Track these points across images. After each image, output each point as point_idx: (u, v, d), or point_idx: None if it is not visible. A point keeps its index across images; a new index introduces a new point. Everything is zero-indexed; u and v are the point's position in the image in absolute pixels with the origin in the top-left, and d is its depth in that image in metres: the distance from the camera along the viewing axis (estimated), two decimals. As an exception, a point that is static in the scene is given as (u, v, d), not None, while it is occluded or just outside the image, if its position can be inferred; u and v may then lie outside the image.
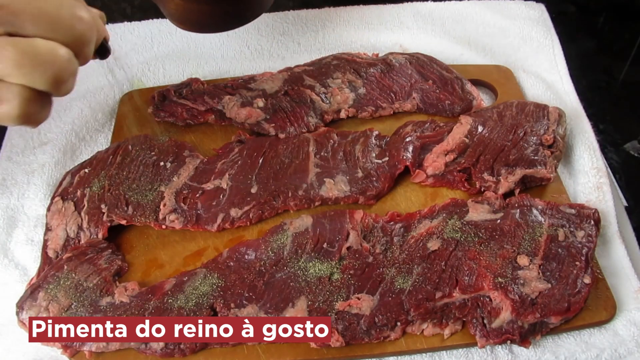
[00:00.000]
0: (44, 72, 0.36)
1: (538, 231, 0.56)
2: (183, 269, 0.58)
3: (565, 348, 0.53)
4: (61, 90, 0.39)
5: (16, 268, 0.60)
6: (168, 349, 0.51)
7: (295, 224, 0.58)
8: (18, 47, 0.35)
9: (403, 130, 0.68)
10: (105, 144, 0.71)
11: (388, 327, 0.52)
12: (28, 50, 0.36)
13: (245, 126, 0.70)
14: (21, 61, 0.36)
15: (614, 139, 1.19)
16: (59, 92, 0.39)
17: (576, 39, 1.35)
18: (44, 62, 0.36)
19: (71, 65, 0.39)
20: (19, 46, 0.36)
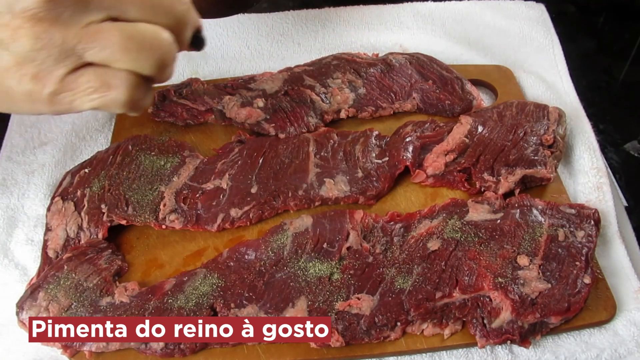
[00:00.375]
0: (149, 56, 0.36)
1: (538, 231, 0.56)
2: (183, 269, 0.58)
3: (565, 348, 0.53)
4: (164, 76, 0.38)
5: (16, 268, 0.60)
6: (168, 349, 0.51)
7: (295, 224, 0.58)
8: (124, 32, 0.35)
9: (403, 130, 0.68)
10: (105, 144, 0.71)
11: (388, 327, 0.52)
12: (134, 35, 0.35)
13: (245, 126, 0.70)
14: (128, 46, 0.35)
15: (614, 139, 1.19)
16: (162, 77, 0.38)
17: (576, 39, 1.35)
18: (149, 47, 0.36)
19: (174, 49, 0.38)
20: (125, 31, 0.35)
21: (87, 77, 0.36)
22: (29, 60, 0.34)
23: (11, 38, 0.34)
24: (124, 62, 0.36)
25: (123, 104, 0.37)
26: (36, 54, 0.34)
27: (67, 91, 0.36)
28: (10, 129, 0.72)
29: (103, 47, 0.35)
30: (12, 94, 0.36)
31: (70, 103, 0.37)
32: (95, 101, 0.36)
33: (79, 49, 0.35)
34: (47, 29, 0.34)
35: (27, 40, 0.34)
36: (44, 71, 0.35)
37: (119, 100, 0.37)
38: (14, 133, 0.72)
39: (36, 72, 0.35)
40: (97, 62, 0.36)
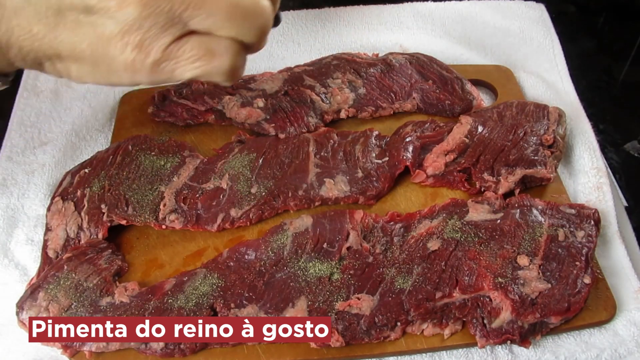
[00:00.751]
0: (252, 24, 0.36)
1: (538, 231, 0.56)
2: (183, 269, 0.58)
3: (565, 348, 0.53)
4: (261, 44, 0.38)
5: (16, 268, 0.60)
6: (168, 349, 0.51)
7: (295, 224, 0.58)
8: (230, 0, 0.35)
9: (403, 130, 0.68)
10: (105, 144, 0.71)
11: (388, 327, 0.52)
12: (239, 2, 0.35)
13: (245, 126, 0.70)
14: (233, 14, 0.35)
15: (614, 139, 1.19)
16: (259, 45, 0.38)
17: (576, 39, 1.35)
18: (253, 14, 0.36)
19: (272, 18, 0.38)
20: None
21: (191, 45, 0.35)
22: (135, 29, 0.34)
23: (118, 6, 0.33)
24: (228, 30, 0.36)
25: (225, 72, 0.37)
26: (142, 22, 0.34)
27: (170, 60, 0.35)
28: (10, 129, 0.72)
29: (209, 14, 0.35)
30: (113, 63, 0.36)
31: (172, 72, 0.36)
32: (198, 69, 0.36)
33: (185, 17, 0.34)
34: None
35: (134, 8, 0.33)
36: (148, 40, 0.34)
37: (222, 68, 0.37)
38: (14, 133, 0.72)
39: (140, 40, 0.34)
40: (201, 30, 0.35)
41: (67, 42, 0.34)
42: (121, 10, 0.33)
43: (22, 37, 0.34)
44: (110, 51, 0.35)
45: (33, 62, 0.36)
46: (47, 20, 0.34)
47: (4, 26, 0.34)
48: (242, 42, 0.37)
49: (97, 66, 0.36)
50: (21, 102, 0.75)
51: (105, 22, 0.34)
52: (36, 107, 0.74)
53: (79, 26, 0.34)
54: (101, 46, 0.35)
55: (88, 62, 0.36)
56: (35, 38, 0.34)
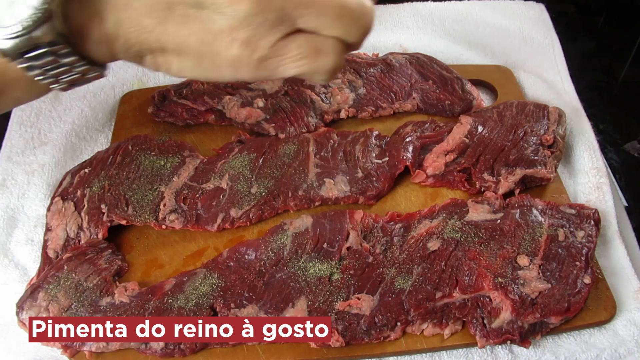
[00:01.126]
0: (358, 25, 0.36)
1: (538, 231, 0.56)
2: (183, 269, 0.58)
3: (565, 348, 0.53)
4: (361, 44, 0.38)
5: (16, 268, 0.60)
6: (168, 349, 0.51)
7: (295, 224, 0.58)
8: (339, 0, 0.35)
9: (403, 130, 0.68)
10: (105, 144, 0.71)
11: (388, 327, 0.52)
12: (346, 3, 0.35)
13: (245, 126, 0.70)
14: (342, 14, 0.35)
15: (614, 139, 1.19)
16: (360, 45, 0.38)
17: (576, 39, 1.35)
18: (359, 15, 0.36)
19: (374, 19, 0.38)
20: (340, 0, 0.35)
21: (298, 43, 0.35)
22: (244, 25, 0.34)
23: (230, 2, 0.33)
24: (334, 30, 0.36)
25: (328, 70, 0.37)
26: (253, 19, 0.34)
27: (276, 57, 0.36)
28: (10, 129, 0.72)
29: (318, 13, 0.35)
30: (218, 59, 0.36)
31: (275, 69, 0.36)
32: (302, 67, 0.36)
33: (294, 15, 0.34)
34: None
35: (246, 5, 0.33)
36: (256, 36, 0.34)
37: (327, 66, 0.37)
38: (13, 133, 0.72)
39: (249, 37, 0.34)
40: (307, 29, 0.35)
41: (174, 36, 0.35)
42: (233, 6, 0.33)
43: (130, 30, 0.34)
44: (216, 46, 0.35)
45: (135, 54, 0.36)
46: (156, 14, 0.34)
47: (114, 18, 0.34)
48: (345, 42, 0.37)
49: (200, 61, 0.36)
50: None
51: (215, 18, 0.34)
52: (36, 107, 0.74)
53: (187, 21, 0.34)
54: (208, 41, 0.35)
55: (192, 56, 0.36)
56: (143, 31, 0.34)
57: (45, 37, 0.32)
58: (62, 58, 0.34)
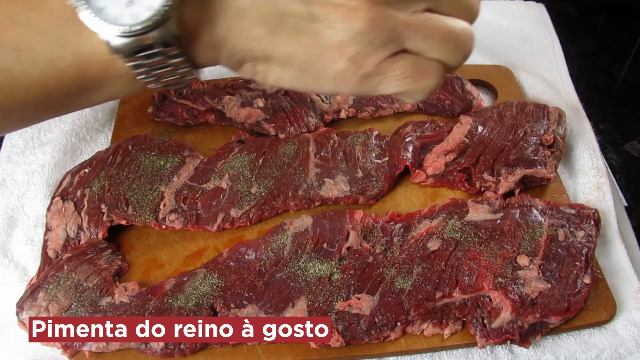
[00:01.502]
0: (460, 50, 0.37)
1: (538, 231, 0.56)
2: (183, 269, 0.58)
3: (565, 348, 0.53)
4: (458, 67, 0.39)
5: (16, 268, 0.60)
6: (168, 349, 0.51)
7: (295, 224, 0.58)
8: (446, 25, 0.36)
9: (403, 130, 0.68)
10: (105, 144, 0.71)
11: (388, 327, 0.52)
12: (452, 29, 0.36)
13: (245, 126, 0.70)
14: (447, 39, 0.36)
15: (614, 139, 1.19)
16: (457, 68, 0.39)
17: (576, 39, 1.35)
18: (463, 41, 0.37)
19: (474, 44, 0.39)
20: (447, 25, 0.36)
21: (404, 62, 0.36)
22: (355, 42, 0.34)
23: (344, 18, 0.34)
24: (438, 53, 0.36)
25: (429, 91, 0.38)
26: (364, 36, 0.34)
27: (380, 74, 0.36)
28: (10, 129, 0.72)
29: (426, 36, 0.35)
30: (323, 71, 0.36)
31: (377, 85, 0.37)
32: (404, 86, 0.37)
33: (404, 36, 0.35)
34: (382, 13, 0.34)
35: (361, 21, 0.34)
36: (364, 53, 0.35)
37: (428, 87, 0.38)
38: (13, 133, 0.72)
39: (357, 53, 0.35)
40: (413, 49, 0.36)
41: (282, 46, 0.35)
42: (346, 22, 0.34)
43: (240, 37, 0.35)
44: (323, 59, 0.35)
45: (236, 61, 0.37)
46: (268, 24, 0.34)
47: (226, 24, 0.35)
48: (446, 65, 0.38)
49: (303, 72, 0.36)
50: (21, 102, 0.75)
51: (326, 32, 0.34)
52: (36, 107, 0.74)
53: (298, 32, 0.35)
54: (315, 54, 0.35)
55: (296, 67, 0.36)
56: (252, 39, 0.35)
57: (160, 38, 0.33)
58: (169, 59, 0.35)
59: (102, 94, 0.38)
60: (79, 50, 0.34)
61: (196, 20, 0.34)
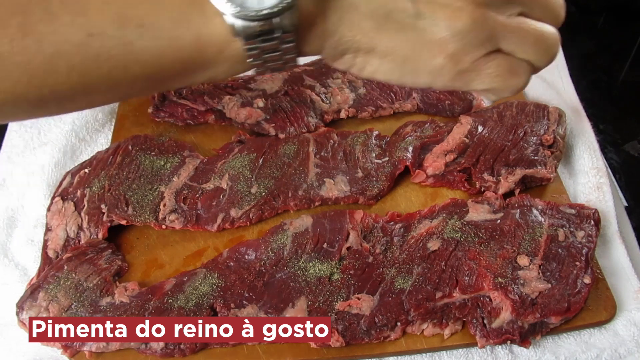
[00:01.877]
0: (549, 54, 0.40)
1: (538, 231, 0.56)
2: (183, 269, 0.58)
3: (565, 348, 0.53)
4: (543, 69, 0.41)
5: (16, 268, 0.60)
6: (168, 349, 0.51)
7: (295, 224, 0.58)
8: (538, 30, 0.38)
9: (403, 130, 0.68)
10: (105, 144, 0.71)
11: (388, 327, 0.52)
12: (544, 34, 0.39)
13: (245, 126, 0.70)
14: (539, 41, 0.38)
15: (614, 139, 1.19)
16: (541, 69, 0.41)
17: (576, 39, 1.35)
18: (552, 45, 0.39)
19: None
20: (539, 29, 0.38)
21: (498, 62, 0.38)
22: (456, 39, 0.36)
23: (448, 17, 0.36)
24: (529, 54, 0.39)
25: (518, 89, 0.41)
26: (465, 34, 0.36)
27: (474, 71, 0.38)
28: (10, 129, 0.72)
29: (520, 38, 0.38)
30: (421, 65, 0.38)
31: (469, 82, 0.39)
32: (495, 83, 0.39)
33: (500, 36, 0.37)
34: (484, 14, 0.36)
35: (464, 21, 0.36)
36: (463, 51, 0.37)
37: (517, 86, 0.40)
38: (13, 133, 0.72)
39: (456, 50, 0.37)
40: (506, 50, 0.38)
41: (386, 39, 0.37)
42: (450, 20, 0.36)
43: (348, 28, 0.37)
44: (423, 54, 0.38)
45: (340, 51, 0.39)
46: (376, 18, 0.37)
47: (337, 16, 0.37)
48: (534, 66, 0.40)
49: (402, 65, 0.39)
50: (21, 102, 0.75)
51: (430, 28, 0.37)
52: (36, 107, 0.74)
53: (403, 28, 0.37)
54: (417, 48, 0.37)
55: (396, 60, 0.38)
56: (359, 32, 0.37)
57: (282, 25, 0.35)
58: (283, 44, 0.37)
59: (207, 74, 0.39)
60: (200, 30, 0.36)
61: (312, 10, 0.36)
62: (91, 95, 0.38)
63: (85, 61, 0.35)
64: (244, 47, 0.36)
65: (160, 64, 0.36)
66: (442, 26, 0.36)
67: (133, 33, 0.35)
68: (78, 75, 0.35)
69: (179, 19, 0.35)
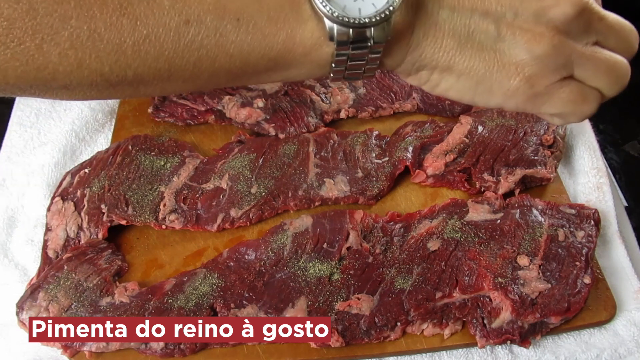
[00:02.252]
0: (618, 83, 0.40)
1: (538, 231, 0.56)
2: (183, 269, 0.58)
3: (565, 348, 0.53)
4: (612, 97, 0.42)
5: (16, 268, 0.60)
6: (168, 349, 0.51)
7: (295, 224, 0.58)
8: (611, 60, 0.39)
9: (403, 130, 0.68)
10: (105, 144, 0.71)
11: (388, 327, 0.52)
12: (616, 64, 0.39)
13: (245, 126, 0.70)
14: (611, 71, 0.39)
15: (614, 139, 1.19)
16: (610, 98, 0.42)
17: (576, 39, 1.34)
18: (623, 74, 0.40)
19: None
20: (613, 59, 0.39)
21: (571, 88, 0.39)
22: (534, 64, 0.37)
23: (529, 40, 0.37)
24: (600, 83, 0.39)
25: (586, 116, 0.41)
26: (543, 59, 0.37)
27: (546, 95, 0.39)
28: (10, 129, 0.72)
29: (593, 67, 0.39)
30: (496, 86, 0.39)
31: (541, 105, 0.40)
32: (566, 108, 0.40)
33: (576, 63, 0.38)
34: (563, 42, 0.37)
35: (544, 46, 0.37)
36: (540, 75, 0.38)
37: (586, 112, 0.41)
38: (13, 133, 0.72)
39: (533, 73, 0.37)
40: (579, 77, 0.39)
41: (465, 58, 0.38)
42: (530, 44, 0.37)
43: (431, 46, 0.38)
44: (499, 76, 0.38)
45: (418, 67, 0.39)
46: (458, 37, 0.37)
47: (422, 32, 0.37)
48: (603, 94, 0.41)
49: (478, 85, 0.39)
50: (20, 102, 0.75)
51: (509, 51, 0.37)
52: (35, 108, 0.74)
53: (483, 48, 0.38)
54: (494, 70, 0.38)
55: (472, 80, 0.39)
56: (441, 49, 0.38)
57: (376, 35, 0.36)
58: (370, 55, 0.37)
59: (287, 74, 0.39)
60: (293, 30, 0.36)
61: (403, 24, 0.37)
62: (170, 82, 0.37)
63: (175, 48, 0.34)
64: (336, 52, 0.36)
65: (248, 59, 0.36)
66: (522, 49, 0.37)
67: (228, 25, 0.35)
68: (165, 61, 0.35)
69: (276, 17, 0.35)
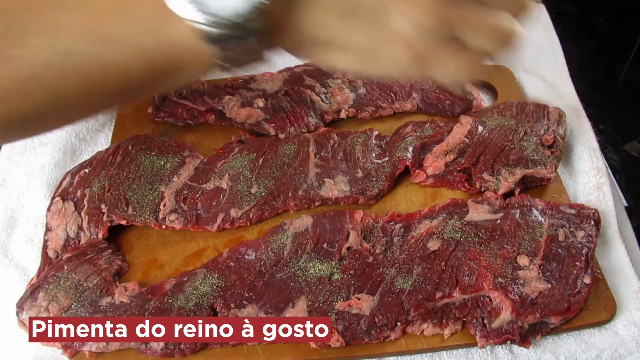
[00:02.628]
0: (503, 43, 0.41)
1: (538, 231, 0.56)
2: (183, 269, 0.58)
3: (565, 348, 0.53)
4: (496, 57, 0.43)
5: (16, 268, 0.60)
6: (168, 349, 0.51)
7: (295, 224, 0.58)
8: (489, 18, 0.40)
9: (403, 130, 0.68)
10: (105, 144, 0.71)
11: (388, 327, 0.52)
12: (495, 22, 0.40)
13: (245, 126, 0.70)
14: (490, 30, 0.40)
15: (614, 139, 1.19)
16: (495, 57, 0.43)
17: (576, 39, 1.35)
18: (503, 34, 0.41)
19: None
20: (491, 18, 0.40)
21: (454, 51, 0.40)
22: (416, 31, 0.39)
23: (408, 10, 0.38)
24: (481, 42, 0.41)
25: (472, 74, 0.43)
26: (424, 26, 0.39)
27: (432, 60, 0.40)
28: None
29: (473, 27, 0.40)
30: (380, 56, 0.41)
31: (428, 69, 0.41)
32: (452, 69, 0.41)
33: (456, 27, 0.39)
34: (441, 7, 0.38)
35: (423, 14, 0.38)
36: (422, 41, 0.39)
37: (472, 72, 0.42)
38: (13, 133, 0.72)
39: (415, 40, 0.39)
40: (462, 39, 0.40)
41: (354, 35, 0.40)
42: (410, 13, 0.38)
43: (317, 26, 0.40)
44: (384, 47, 0.40)
45: (308, 46, 0.41)
46: (343, 15, 0.39)
47: (305, 14, 0.39)
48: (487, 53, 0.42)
49: (363, 57, 0.41)
50: (21, 102, 0.75)
51: (390, 22, 0.39)
52: (36, 107, 0.74)
53: (369, 24, 0.39)
54: (382, 42, 0.40)
55: (357, 53, 0.41)
56: (327, 28, 0.40)
57: (251, 29, 0.37)
58: (252, 45, 0.39)
59: (181, 78, 0.40)
60: (167, 38, 0.37)
61: (281, 11, 0.38)
62: (69, 112, 0.38)
63: (58, 81, 0.35)
64: (213, 50, 0.37)
65: (129, 75, 0.37)
66: (403, 19, 0.38)
67: (101, 48, 0.35)
68: (52, 95, 0.35)
69: (146, 29, 0.36)
